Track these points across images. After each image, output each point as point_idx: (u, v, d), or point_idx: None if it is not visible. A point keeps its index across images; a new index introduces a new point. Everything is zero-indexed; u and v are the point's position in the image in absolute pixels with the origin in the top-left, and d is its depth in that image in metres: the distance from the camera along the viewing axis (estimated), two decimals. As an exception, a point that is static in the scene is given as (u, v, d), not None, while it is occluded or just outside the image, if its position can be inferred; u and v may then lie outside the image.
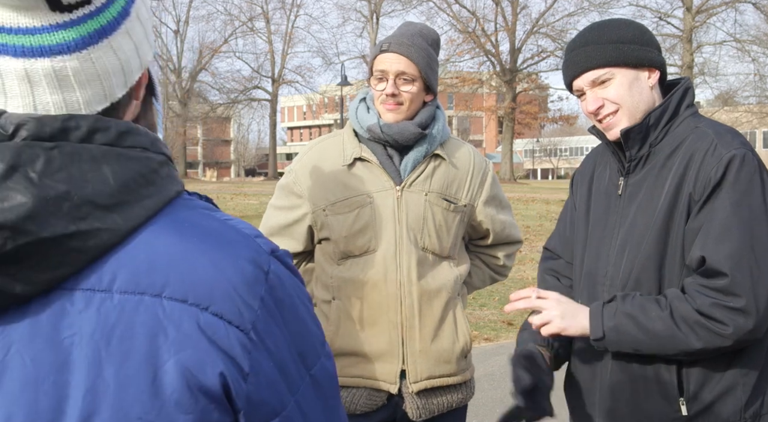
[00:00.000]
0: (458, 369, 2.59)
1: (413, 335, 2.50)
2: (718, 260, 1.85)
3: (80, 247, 0.85)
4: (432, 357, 2.53)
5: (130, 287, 0.86)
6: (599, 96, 2.04)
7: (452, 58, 41.93)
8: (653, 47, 2.06)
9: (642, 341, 1.92)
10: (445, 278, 2.55)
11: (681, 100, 2.05)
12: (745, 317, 1.83)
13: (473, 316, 8.68)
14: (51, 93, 0.88)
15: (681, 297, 1.90)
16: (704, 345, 1.86)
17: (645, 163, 2.05)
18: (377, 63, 2.52)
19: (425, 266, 2.52)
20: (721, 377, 1.94)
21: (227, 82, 51.25)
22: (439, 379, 2.55)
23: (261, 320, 0.90)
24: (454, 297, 2.58)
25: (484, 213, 2.65)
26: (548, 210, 21.09)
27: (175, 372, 0.85)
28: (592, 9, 39.03)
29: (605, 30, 2.04)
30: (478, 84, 42.86)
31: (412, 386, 2.51)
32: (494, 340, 7.90)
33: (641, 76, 2.03)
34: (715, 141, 1.94)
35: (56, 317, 0.85)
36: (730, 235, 1.85)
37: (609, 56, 2.01)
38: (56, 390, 0.84)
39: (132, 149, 0.90)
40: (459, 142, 2.71)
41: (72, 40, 0.87)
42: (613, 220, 2.09)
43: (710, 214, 1.88)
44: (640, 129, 2.02)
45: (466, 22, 41.11)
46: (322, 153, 2.60)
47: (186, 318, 0.86)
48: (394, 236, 2.49)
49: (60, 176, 0.84)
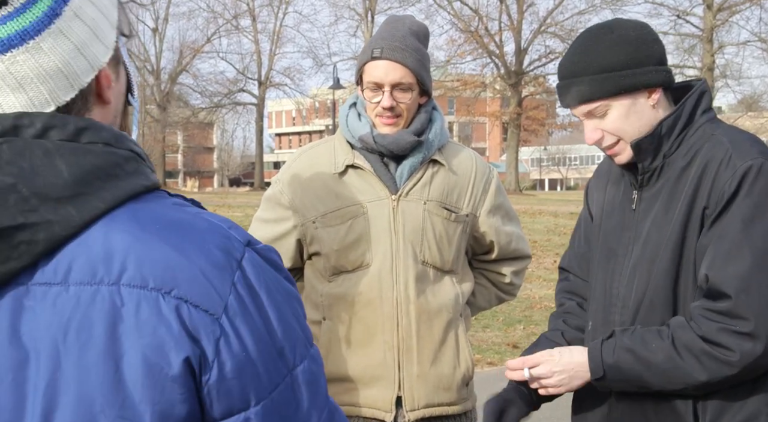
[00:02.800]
0: (459, 397, 2.56)
1: (411, 358, 2.47)
2: (722, 281, 1.85)
3: (29, 239, 0.89)
4: (431, 383, 2.49)
5: (85, 278, 0.90)
6: (596, 127, 2.04)
7: (453, 59, 42.05)
8: (651, 63, 2.01)
9: (645, 376, 1.93)
10: (446, 296, 2.53)
11: (696, 105, 2.03)
12: (753, 342, 1.82)
13: (476, 338, 8.66)
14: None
15: (684, 325, 1.90)
16: (709, 376, 1.86)
17: (660, 175, 2.04)
18: (369, 72, 2.49)
19: (425, 282, 2.50)
20: (742, 405, 1.92)
21: (210, 85, 51.27)
22: (438, 408, 2.52)
23: (232, 307, 0.92)
24: (456, 318, 2.55)
25: (487, 224, 2.63)
26: (557, 224, 21.09)
27: (136, 361, 0.88)
28: (605, 6, 39.20)
29: (593, 56, 2.00)
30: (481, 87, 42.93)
31: (408, 414, 2.48)
32: (498, 364, 7.88)
33: (639, 101, 2.02)
34: (730, 151, 1.93)
35: (13, 313, 0.90)
36: (740, 253, 1.85)
37: (600, 90, 1.99)
38: (16, 387, 0.88)
39: (92, 144, 0.94)
40: (459, 146, 2.70)
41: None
42: (627, 236, 2.09)
43: (721, 230, 1.88)
44: (652, 140, 2.00)
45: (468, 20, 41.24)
46: (311, 161, 2.60)
47: (145, 303, 0.89)
48: (390, 249, 2.48)
49: (7, 169, 0.89)
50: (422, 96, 2.56)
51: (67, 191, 0.90)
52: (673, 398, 1.96)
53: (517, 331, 9.31)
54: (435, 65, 41.55)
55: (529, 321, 9.87)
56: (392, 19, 2.59)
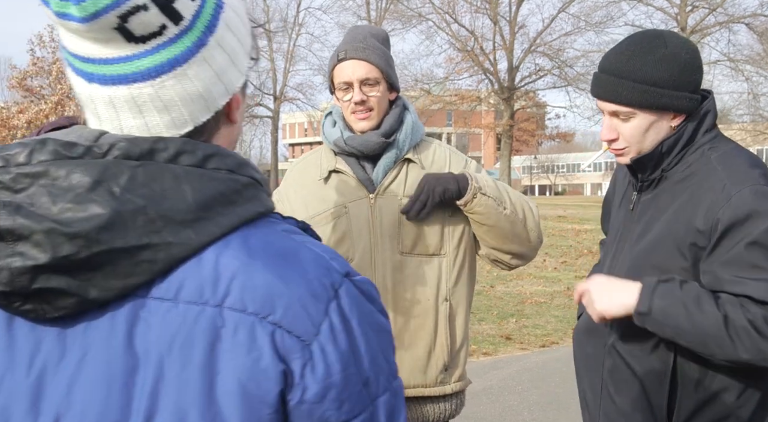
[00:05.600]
0: (435, 380, 2.52)
1: None
2: (763, 295, 1.81)
3: (151, 258, 0.89)
4: (406, 366, 2.47)
5: (194, 297, 0.91)
6: (615, 127, 1.99)
7: (451, 76, 42.02)
8: (688, 90, 1.94)
9: (686, 331, 1.85)
10: (426, 284, 2.49)
11: (698, 126, 1.97)
12: None
13: (472, 331, 8.65)
14: (133, 117, 0.95)
15: (735, 303, 1.84)
16: (750, 356, 1.81)
17: (657, 185, 2.02)
18: (338, 74, 2.49)
19: (404, 272, 2.47)
20: (714, 407, 1.92)
21: (230, 100, 51.29)
22: (413, 389, 2.49)
23: (324, 334, 0.91)
24: (436, 304, 2.50)
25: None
26: (546, 226, 21.05)
27: (230, 380, 0.88)
28: (588, 29, 39.15)
29: (641, 65, 1.92)
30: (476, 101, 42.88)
31: None
32: (492, 354, 7.88)
33: (664, 119, 1.96)
34: (724, 180, 1.88)
35: (129, 323, 0.91)
36: (761, 272, 1.81)
37: (635, 98, 1.92)
38: (126, 390, 0.90)
39: (217, 170, 0.94)
40: (434, 143, 2.64)
41: (145, 68, 0.93)
42: (624, 236, 2.09)
43: (732, 253, 1.83)
44: (652, 157, 1.97)
45: (464, 41, 41.22)
46: (301, 171, 2.64)
47: (242, 327, 0.89)
48: (369, 243, 2.47)
49: (141, 191, 0.90)
50: (391, 92, 2.54)
51: (190, 215, 0.91)
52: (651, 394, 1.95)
53: (509, 324, 9.31)
54: (435, 82, 41.53)
55: (521, 314, 9.87)
56: (352, 28, 2.60)
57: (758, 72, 37.51)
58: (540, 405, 5.95)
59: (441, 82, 41.89)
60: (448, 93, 42.43)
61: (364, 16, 45.12)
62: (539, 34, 41.09)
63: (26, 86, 26.01)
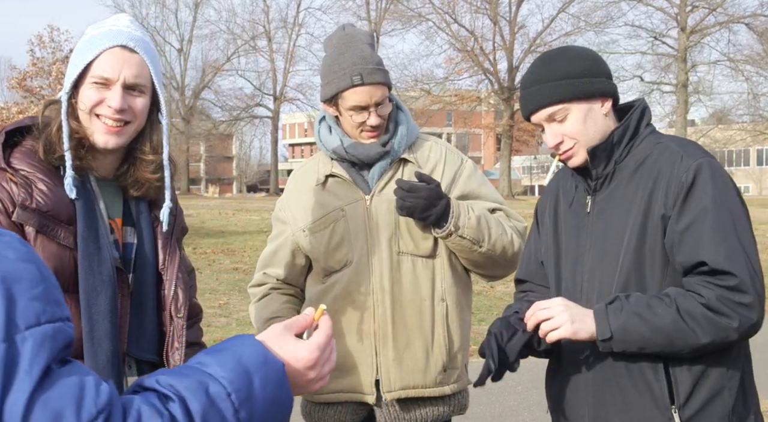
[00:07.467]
0: (435, 381, 2.53)
1: (386, 343, 2.48)
2: (720, 262, 1.89)
3: None
4: (405, 366, 2.49)
5: None
6: (557, 132, 2.08)
7: (451, 76, 42.06)
8: (603, 76, 2.10)
9: (649, 338, 1.92)
10: (422, 284, 2.51)
11: (640, 119, 2.10)
12: (749, 311, 1.89)
13: (472, 331, 8.58)
14: None
15: (684, 293, 1.92)
16: (712, 338, 1.89)
17: (611, 180, 2.09)
18: (351, 97, 2.46)
19: (401, 271, 2.49)
20: (708, 382, 1.97)
21: (230, 100, 51.36)
22: (413, 390, 2.51)
23: None
24: (433, 304, 2.52)
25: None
26: (546, 226, 21.06)
27: None
28: (588, 29, 39.19)
29: (555, 66, 2.07)
30: (476, 102, 42.91)
31: (386, 395, 2.48)
32: (492, 355, 7.85)
33: (594, 107, 2.07)
34: (680, 152, 2.00)
35: None
36: (723, 236, 1.91)
37: (561, 93, 2.05)
38: None
39: None
40: (430, 141, 2.66)
41: None
42: (584, 238, 2.12)
43: (695, 217, 1.93)
44: (605, 146, 2.06)
45: (464, 41, 41.25)
46: (302, 177, 2.66)
47: None
48: (366, 244, 2.49)
49: None
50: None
51: None
52: (650, 380, 1.97)
53: (509, 324, 9.30)
54: (435, 82, 41.53)
55: (521, 314, 9.86)
56: (347, 39, 2.52)
57: (758, 72, 37.53)
58: (540, 405, 5.91)
59: (441, 82, 41.88)
60: (448, 93, 42.43)
61: (364, 17, 45.12)
62: (539, 35, 41.12)
63: (26, 87, 25.98)
